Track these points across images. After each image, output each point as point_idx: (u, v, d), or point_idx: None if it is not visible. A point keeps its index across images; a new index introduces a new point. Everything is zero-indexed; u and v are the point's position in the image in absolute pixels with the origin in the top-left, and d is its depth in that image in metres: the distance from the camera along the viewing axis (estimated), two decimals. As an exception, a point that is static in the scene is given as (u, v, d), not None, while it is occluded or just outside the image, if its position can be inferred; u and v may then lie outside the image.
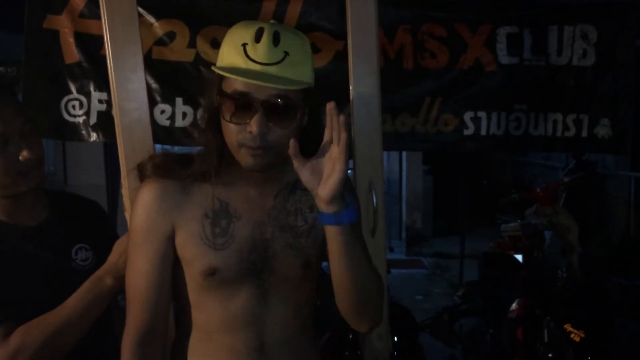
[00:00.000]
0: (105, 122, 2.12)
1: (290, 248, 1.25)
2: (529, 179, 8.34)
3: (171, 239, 1.20)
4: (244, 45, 1.10)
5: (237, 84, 1.10)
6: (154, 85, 2.17)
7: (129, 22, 1.52)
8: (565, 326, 2.71)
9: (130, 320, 1.19)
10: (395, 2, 2.28)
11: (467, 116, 2.35)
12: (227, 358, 1.23)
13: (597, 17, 2.34)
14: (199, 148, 1.24)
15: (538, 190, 4.45)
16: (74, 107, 2.13)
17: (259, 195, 1.24)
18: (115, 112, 1.51)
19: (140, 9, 2.16)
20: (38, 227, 1.39)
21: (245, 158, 1.14)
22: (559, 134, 2.38)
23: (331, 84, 2.04)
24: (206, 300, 1.22)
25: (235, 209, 1.22)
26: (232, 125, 1.12)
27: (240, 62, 1.10)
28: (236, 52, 1.11)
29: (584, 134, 2.37)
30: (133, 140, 1.54)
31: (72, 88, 2.13)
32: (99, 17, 1.62)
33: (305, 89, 1.16)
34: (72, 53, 2.11)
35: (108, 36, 1.50)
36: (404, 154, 7.59)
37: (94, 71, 2.12)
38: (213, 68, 1.13)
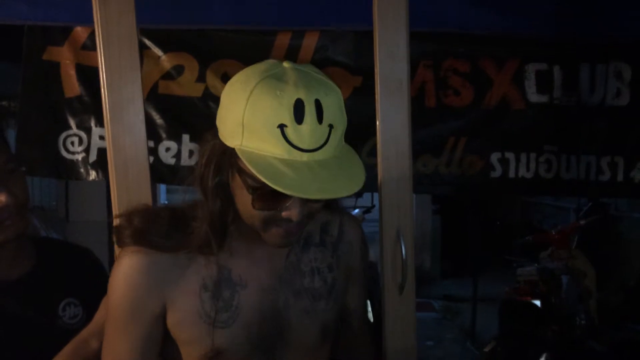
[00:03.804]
0: (106, 159, 1.98)
1: (307, 315, 1.07)
2: (539, 220, 8.16)
3: (161, 318, 1.00)
4: (282, 127, 0.84)
5: None
6: (159, 121, 2.04)
7: (128, 46, 1.35)
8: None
9: None
10: (415, 36, 2.15)
11: (494, 157, 2.20)
12: None
13: (632, 54, 2.22)
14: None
15: (554, 233, 4.30)
16: (72, 143, 2.00)
17: (266, 256, 1.04)
18: (108, 147, 1.34)
19: (147, 41, 2.07)
20: (19, 281, 1.21)
21: (274, 238, 0.94)
22: (592, 177, 2.22)
23: (349, 123, 1.90)
24: None
25: (240, 276, 1.01)
26: (260, 211, 0.91)
27: (280, 150, 0.84)
28: (271, 135, 0.84)
29: (620, 178, 2.22)
30: (128, 180, 1.35)
31: (72, 123, 2.00)
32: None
33: None
34: (72, 86, 2.00)
35: (103, 61, 1.34)
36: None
37: (96, 106, 1.99)
38: (252, 170, 0.84)
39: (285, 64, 0.90)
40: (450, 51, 2.20)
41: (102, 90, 1.34)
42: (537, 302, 3.70)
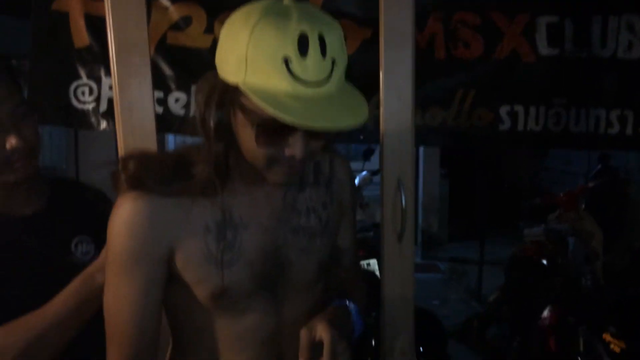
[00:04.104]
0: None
1: (305, 252, 1.10)
2: (548, 185, 8.15)
3: (166, 261, 1.01)
4: (286, 60, 0.84)
5: None
6: (168, 72, 2.05)
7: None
8: (604, 336, 2.54)
9: (112, 355, 1.01)
10: (426, -13, 2.14)
11: (503, 110, 2.20)
12: None
13: None
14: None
15: (561, 195, 4.30)
16: (83, 93, 2.01)
17: (265, 197, 1.06)
18: (114, 88, 1.36)
19: (155, -9, 2.05)
20: (33, 217, 1.24)
21: (277, 176, 0.96)
22: (601, 131, 2.22)
23: (357, 76, 1.90)
24: (213, 321, 1.07)
25: (241, 216, 1.03)
26: (263, 149, 0.92)
27: (284, 84, 0.84)
28: (275, 68, 0.84)
29: (629, 131, 2.21)
30: (132, 122, 1.39)
31: (82, 73, 2.01)
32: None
33: None
34: (82, 36, 1.99)
35: (109, 3, 1.35)
36: (421, 156, 7.44)
37: (106, 56, 1.99)
38: (258, 102, 0.84)
39: (286, 1, 0.90)
40: (460, 3, 2.18)
41: (109, 33, 1.35)
42: (544, 262, 3.72)
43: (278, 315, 1.10)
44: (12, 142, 1.14)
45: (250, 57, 0.85)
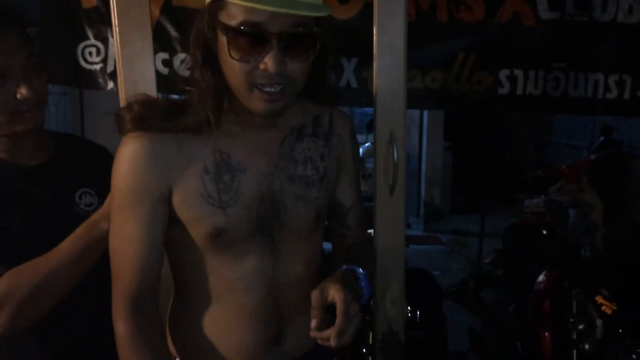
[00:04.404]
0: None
1: (301, 200, 1.14)
2: (551, 158, 8.16)
3: (166, 199, 1.06)
4: None
5: (247, 13, 0.93)
6: (174, 34, 2.07)
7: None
8: (597, 298, 2.60)
9: (118, 289, 1.05)
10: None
11: (503, 74, 2.22)
12: (240, 319, 1.14)
13: None
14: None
15: (563, 167, 4.32)
16: (90, 53, 2.04)
17: (263, 143, 1.11)
18: (115, 42, 1.40)
19: (160, -49, 2.07)
20: (39, 168, 1.28)
21: (258, 103, 1.00)
22: (599, 95, 2.25)
23: (360, 38, 1.92)
24: (212, 262, 1.11)
25: (239, 161, 1.08)
26: (239, 64, 0.96)
27: None
28: None
29: (626, 96, 2.24)
30: (134, 77, 1.42)
31: (89, 34, 2.03)
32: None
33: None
34: (89, -4, 2.02)
35: None
36: (425, 129, 7.44)
37: (112, 17, 2.03)
38: None
39: None
40: None
41: None
42: (544, 232, 3.76)
43: (275, 261, 1.14)
44: (22, 92, 1.17)
45: None
